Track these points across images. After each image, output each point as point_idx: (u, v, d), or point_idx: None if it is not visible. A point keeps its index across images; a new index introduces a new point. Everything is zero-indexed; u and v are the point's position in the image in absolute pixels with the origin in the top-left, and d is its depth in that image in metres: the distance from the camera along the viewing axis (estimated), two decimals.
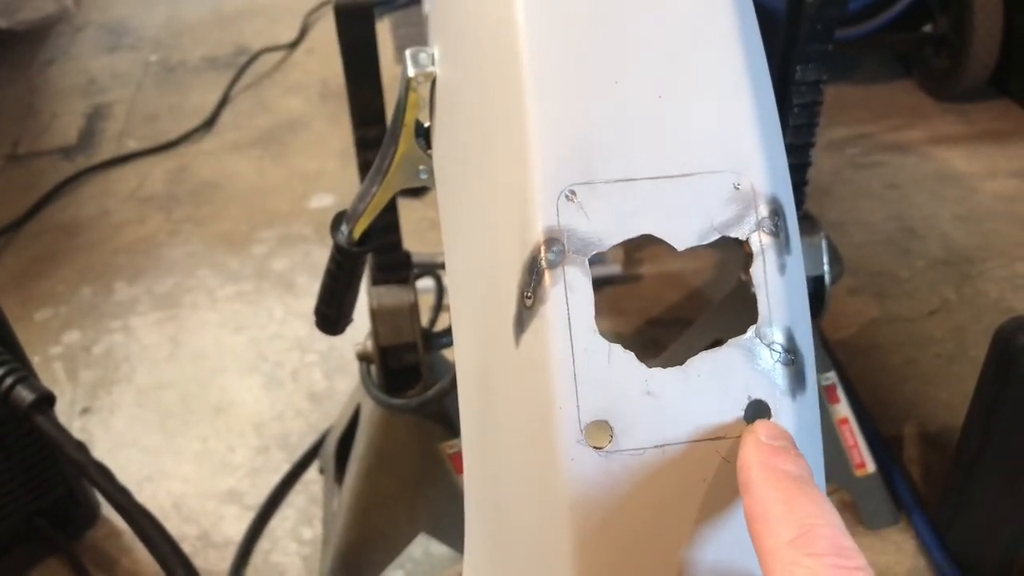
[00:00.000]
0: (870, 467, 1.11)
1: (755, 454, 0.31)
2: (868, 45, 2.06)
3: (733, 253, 1.70)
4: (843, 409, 1.11)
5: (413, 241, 0.99)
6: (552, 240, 0.36)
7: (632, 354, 0.36)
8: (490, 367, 0.41)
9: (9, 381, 0.91)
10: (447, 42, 0.48)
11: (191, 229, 1.78)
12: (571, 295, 0.36)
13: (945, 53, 1.99)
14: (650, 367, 0.36)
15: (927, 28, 2.01)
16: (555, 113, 0.37)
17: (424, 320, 1.00)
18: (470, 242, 0.44)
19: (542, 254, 0.36)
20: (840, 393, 1.12)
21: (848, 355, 1.36)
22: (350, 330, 0.82)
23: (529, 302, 0.36)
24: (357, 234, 0.59)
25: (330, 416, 1.30)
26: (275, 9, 2.74)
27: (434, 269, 1.15)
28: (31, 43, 2.63)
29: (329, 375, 1.40)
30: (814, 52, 0.92)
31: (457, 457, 1.01)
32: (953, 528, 1.07)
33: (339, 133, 2.08)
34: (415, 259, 0.99)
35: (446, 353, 1.05)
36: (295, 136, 2.10)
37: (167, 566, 0.89)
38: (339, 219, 0.60)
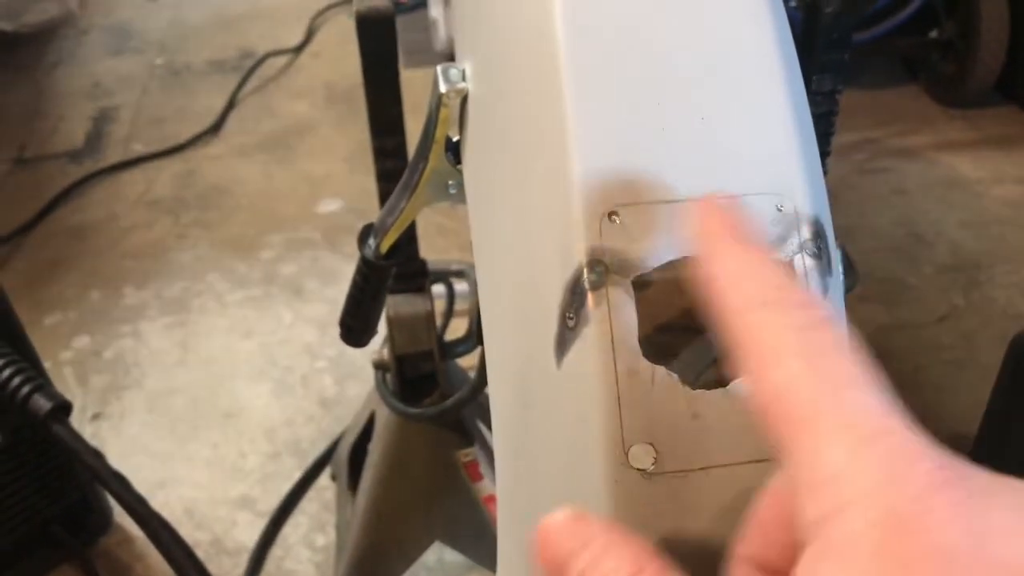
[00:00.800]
0: None
1: (720, 220, 0.30)
2: (874, 50, 2.06)
3: None
4: None
5: (422, 247, 0.99)
6: (595, 261, 0.36)
7: (676, 376, 0.36)
8: (529, 387, 0.41)
9: (26, 390, 0.92)
10: (480, 59, 0.48)
11: (199, 233, 1.79)
12: (614, 316, 0.36)
13: (951, 59, 2.00)
14: (693, 389, 0.36)
15: (933, 34, 2.01)
16: (597, 134, 0.37)
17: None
18: (506, 259, 0.44)
19: (585, 275, 0.36)
20: None
21: None
22: (359, 348, 0.82)
23: (571, 323, 0.37)
24: (385, 248, 0.59)
25: (341, 422, 1.31)
26: (280, 12, 2.74)
27: (447, 276, 1.15)
28: (36, 46, 2.63)
29: (340, 381, 1.40)
30: (830, 62, 0.92)
31: (472, 466, 1.01)
32: None
33: (346, 138, 2.08)
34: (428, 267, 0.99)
35: (460, 362, 1.06)
36: (302, 140, 2.10)
37: (183, 574, 0.89)
38: (366, 233, 0.60)
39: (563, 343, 0.37)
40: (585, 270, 0.36)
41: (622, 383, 0.35)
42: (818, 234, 0.38)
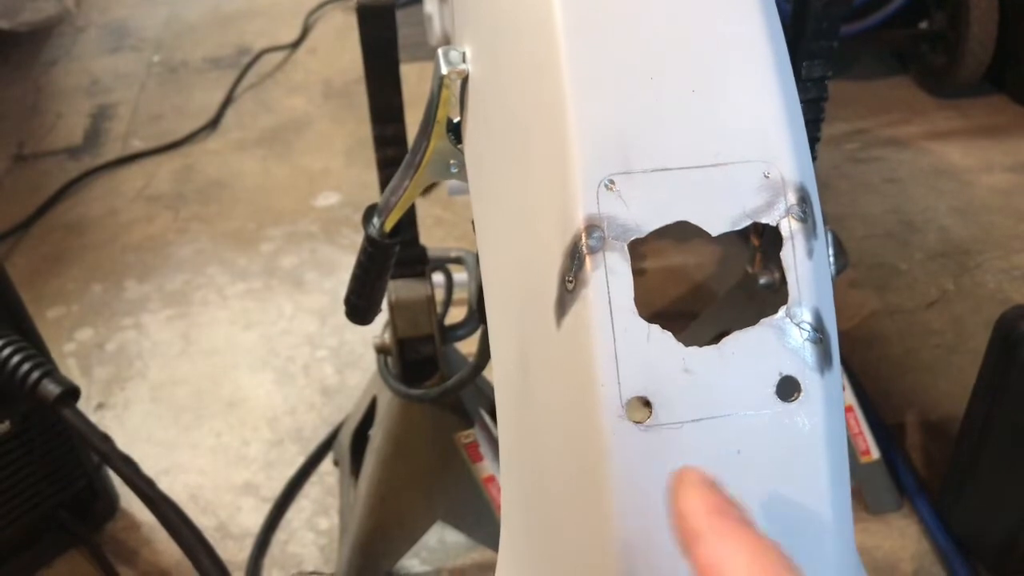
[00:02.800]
0: (874, 454, 1.14)
1: (702, 499, 0.29)
2: (865, 42, 2.09)
3: (737, 248, 1.73)
4: (847, 398, 1.14)
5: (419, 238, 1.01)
6: (593, 227, 0.38)
7: (670, 334, 0.38)
8: (530, 349, 0.43)
9: (36, 375, 0.94)
10: (480, 42, 0.50)
11: (199, 227, 1.80)
12: (612, 278, 0.38)
13: (941, 49, 2.02)
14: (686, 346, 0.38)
15: (923, 25, 2.04)
16: (594, 108, 0.39)
17: None
18: (507, 230, 0.46)
19: (583, 240, 0.38)
20: (845, 382, 1.14)
21: (850, 346, 1.38)
22: (363, 326, 0.84)
23: (571, 286, 0.39)
24: (389, 226, 0.61)
25: (342, 410, 1.33)
26: (275, 9, 2.76)
27: (445, 264, 1.17)
28: (33, 44, 2.64)
29: (340, 369, 1.42)
30: (820, 49, 0.94)
31: (472, 447, 1.03)
32: (955, 512, 1.09)
33: (343, 132, 2.10)
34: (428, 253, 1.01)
35: (459, 348, 1.08)
36: (299, 135, 2.12)
37: (192, 554, 0.91)
38: (370, 212, 0.62)
39: (563, 305, 0.39)
40: (583, 235, 0.38)
41: (619, 340, 0.37)
42: (803, 199, 0.40)
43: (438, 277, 1.08)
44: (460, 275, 1.12)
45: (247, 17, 2.75)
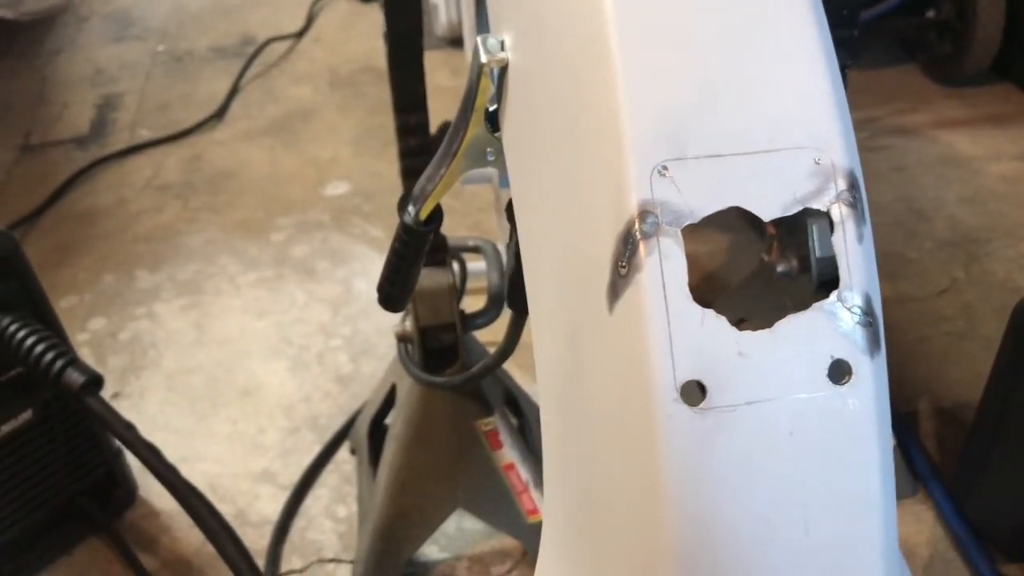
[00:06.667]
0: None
1: None
2: (872, 31, 2.09)
3: (750, 236, 1.74)
4: None
5: None
6: (646, 213, 0.39)
7: (724, 318, 0.39)
8: (581, 335, 0.43)
9: (60, 364, 0.94)
10: (521, 30, 0.50)
11: (209, 217, 1.81)
12: (666, 263, 0.38)
13: (948, 38, 2.02)
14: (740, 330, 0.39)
15: (930, 14, 2.04)
16: (646, 95, 0.40)
17: None
18: (554, 217, 0.47)
19: (637, 226, 0.39)
20: None
21: None
22: (378, 314, 0.84)
23: (624, 271, 0.39)
24: (424, 214, 0.62)
25: (358, 398, 1.33)
26: None
27: (460, 253, 1.17)
28: (37, 34, 2.64)
29: (355, 358, 1.42)
30: (840, 38, 0.94)
31: (492, 434, 1.04)
32: (970, 498, 1.10)
33: (350, 121, 2.10)
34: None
35: (478, 336, 1.08)
36: (306, 125, 2.12)
37: (217, 541, 0.91)
38: (405, 201, 0.63)
39: (615, 290, 0.39)
40: (637, 221, 0.38)
41: (673, 324, 0.38)
42: (853, 185, 0.41)
43: (454, 266, 1.08)
44: (473, 264, 1.12)
45: (251, 6, 2.74)
